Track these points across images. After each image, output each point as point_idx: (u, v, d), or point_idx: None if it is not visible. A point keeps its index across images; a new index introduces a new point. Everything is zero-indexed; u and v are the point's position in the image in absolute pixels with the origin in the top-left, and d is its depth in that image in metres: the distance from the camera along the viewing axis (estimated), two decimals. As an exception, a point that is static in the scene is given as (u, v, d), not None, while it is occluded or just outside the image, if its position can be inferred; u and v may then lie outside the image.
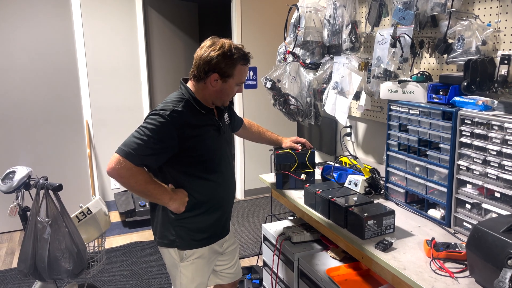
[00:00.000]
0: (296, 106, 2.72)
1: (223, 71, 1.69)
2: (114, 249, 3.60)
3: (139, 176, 1.64)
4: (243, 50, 1.73)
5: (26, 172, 1.97)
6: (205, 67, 1.68)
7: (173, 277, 1.90)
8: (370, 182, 2.13)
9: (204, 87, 1.74)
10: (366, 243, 1.66)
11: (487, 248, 1.29)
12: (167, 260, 1.88)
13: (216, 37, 1.76)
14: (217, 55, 1.66)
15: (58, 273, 1.88)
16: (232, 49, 1.68)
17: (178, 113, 1.66)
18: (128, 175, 1.62)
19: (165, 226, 1.80)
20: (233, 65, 1.69)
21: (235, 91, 1.80)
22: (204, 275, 1.90)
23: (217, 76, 1.69)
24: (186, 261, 1.82)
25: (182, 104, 1.70)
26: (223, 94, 1.77)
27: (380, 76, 2.16)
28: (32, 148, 4.03)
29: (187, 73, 1.82)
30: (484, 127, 1.59)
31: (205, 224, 1.82)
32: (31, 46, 3.88)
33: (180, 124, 1.66)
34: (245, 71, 1.76)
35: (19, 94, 3.91)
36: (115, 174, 1.62)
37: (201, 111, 1.74)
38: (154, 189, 1.68)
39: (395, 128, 2.02)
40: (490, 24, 1.78)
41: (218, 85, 1.72)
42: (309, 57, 2.66)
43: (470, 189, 1.67)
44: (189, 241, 1.80)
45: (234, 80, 1.73)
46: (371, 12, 2.30)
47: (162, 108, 1.67)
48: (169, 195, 1.70)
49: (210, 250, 1.88)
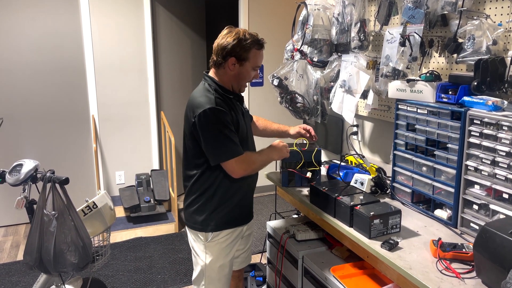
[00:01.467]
0: (303, 104, 2.71)
1: (239, 55, 1.82)
2: (118, 244, 3.61)
3: (252, 157, 1.89)
4: (257, 36, 1.88)
5: (33, 165, 1.97)
6: (223, 52, 1.83)
7: (196, 257, 2.01)
8: (376, 181, 2.13)
9: (224, 72, 1.88)
10: (372, 242, 1.65)
11: (495, 249, 1.28)
12: (193, 241, 2.02)
13: (232, 26, 1.90)
14: (233, 40, 1.81)
15: (64, 266, 1.88)
16: (247, 34, 1.84)
17: (220, 100, 1.83)
18: (247, 166, 1.85)
19: (200, 210, 1.93)
20: (248, 49, 1.83)
21: (252, 75, 1.92)
22: (227, 256, 2.00)
23: (234, 60, 1.83)
24: (212, 241, 1.94)
25: (214, 93, 1.85)
26: (240, 78, 1.90)
27: (388, 75, 2.15)
28: (39, 142, 4.05)
29: (194, 70, 1.87)
30: (493, 127, 1.57)
31: (237, 206, 1.96)
32: (39, 41, 3.89)
33: (227, 108, 1.83)
34: (260, 55, 1.90)
35: (27, 89, 3.92)
36: (241, 173, 1.84)
37: (228, 96, 1.89)
38: (264, 156, 1.94)
39: (402, 127, 2.01)
40: (501, 24, 1.77)
41: (236, 69, 1.86)
42: (317, 55, 2.65)
43: (478, 189, 1.66)
44: (219, 223, 1.93)
45: (250, 63, 1.86)
46: (380, 10, 2.28)
47: (207, 102, 1.80)
48: (272, 152, 1.97)
49: (235, 232, 1.99)
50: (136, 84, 4.29)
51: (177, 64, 4.63)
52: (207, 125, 1.78)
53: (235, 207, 1.95)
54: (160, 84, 4.46)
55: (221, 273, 2.00)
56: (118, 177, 4.37)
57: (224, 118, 1.78)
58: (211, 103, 1.78)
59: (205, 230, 1.93)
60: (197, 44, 4.88)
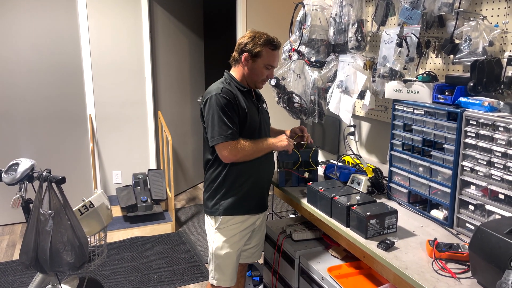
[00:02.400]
0: (300, 104, 2.71)
1: (251, 50, 1.96)
2: (115, 244, 3.60)
3: (244, 145, 1.95)
4: (272, 38, 2.02)
5: (30, 164, 1.96)
6: (239, 48, 2.00)
7: (208, 242, 2.13)
8: (373, 181, 2.13)
9: (240, 68, 2.03)
10: (368, 242, 1.66)
11: (490, 249, 1.29)
12: (206, 226, 2.15)
13: (255, 29, 2.07)
14: (248, 37, 1.98)
15: (60, 265, 1.88)
16: (263, 34, 1.99)
17: (227, 89, 1.96)
18: (236, 151, 1.93)
19: (211, 195, 2.05)
20: (260, 46, 1.96)
21: (265, 73, 2.04)
22: (234, 245, 2.07)
23: (247, 55, 1.97)
24: (220, 227, 2.05)
25: (226, 84, 1.99)
26: (253, 74, 2.02)
27: (385, 76, 2.15)
28: (36, 141, 4.04)
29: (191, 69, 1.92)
30: (489, 128, 1.58)
31: (246, 194, 2.04)
32: (36, 40, 3.88)
33: (232, 97, 1.94)
34: (273, 55, 2.01)
35: (24, 88, 3.91)
36: (230, 158, 1.95)
37: (241, 89, 2.01)
38: (260, 144, 2.01)
39: (399, 128, 2.02)
40: (498, 25, 1.77)
41: (249, 64, 1.99)
42: (314, 55, 2.66)
43: (474, 190, 1.67)
44: (227, 208, 2.02)
45: (262, 60, 1.98)
46: (377, 11, 2.29)
47: (214, 90, 1.95)
48: (272, 142, 2.04)
49: (245, 223, 2.07)
50: (134, 83, 4.28)
51: (174, 64, 4.63)
52: (209, 109, 1.93)
53: (244, 194, 2.04)
54: (158, 83, 4.46)
55: (227, 261, 2.08)
56: (115, 176, 4.36)
57: (226, 104, 1.91)
58: (218, 91, 1.93)
59: (214, 214, 2.05)
60: (195, 43, 4.88)
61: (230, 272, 2.10)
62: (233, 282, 2.13)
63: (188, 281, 3.07)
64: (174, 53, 4.61)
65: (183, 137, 4.78)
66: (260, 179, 2.09)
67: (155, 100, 4.43)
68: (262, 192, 2.14)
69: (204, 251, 3.49)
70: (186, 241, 3.71)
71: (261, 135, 2.07)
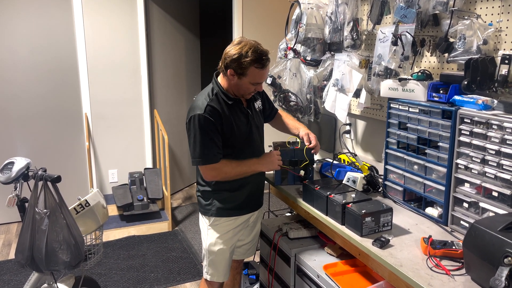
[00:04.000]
0: (296, 102, 2.72)
1: (236, 69, 1.86)
2: (111, 243, 3.60)
3: (226, 167, 1.93)
4: (261, 54, 1.85)
5: (25, 163, 1.96)
6: (224, 62, 1.88)
7: (202, 238, 2.15)
8: (368, 179, 2.14)
9: (227, 79, 1.94)
10: (364, 240, 1.67)
11: (484, 246, 1.30)
12: (200, 222, 2.16)
13: (245, 38, 1.91)
14: (234, 54, 1.83)
15: (56, 264, 1.88)
16: (250, 52, 1.82)
17: (212, 107, 1.89)
18: (218, 173, 1.93)
19: (204, 195, 2.07)
20: (246, 67, 1.84)
21: (252, 89, 1.94)
22: (227, 242, 2.09)
23: (232, 71, 1.87)
24: (213, 225, 2.06)
25: (212, 98, 1.91)
26: (240, 89, 1.94)
27: (380, 74, 2.16)
28: (31, 140, 4.02)
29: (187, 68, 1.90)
30: (483, 126, 1.59)
31: (237, 195, 2.05)
32: (32, 38, 3.86)
33: (216, 115, 1.89)
34: (259, 73, 1.88)
35: (19, 86, 3.90)
36: (211, 178, 1.96)
37: (228, 102, 1.94)
38: (244, 167, 1.97)
39: (394, 126, 2.03)
40: (492, 24, 1.78)
41: (235, 79, 1.90)
42: (310, 53, 2.66)
43: (468, 188, 1.68)
44: (219, 209, 2.04)
45: (247, 79, 1.88)
46: (373, 9, 2.30)
47: (198, 108, 1.88)
48: (258, 164, 2.01)
49: (238, 220, 2.09)
50: (130, 82, 4.27)
51: (170, 62, 4.62)
52: (190, 129, 1.89)
53: (238, 195, 2.05)
54: (154, 82, 4.45)
55: (220, 257, 2.10)
56: (111, 175, 4.35)
57: (209, 126, 1.86)
58: (201, 110, 1.86)
59: (207, 214, 2.07)
60: (191, 42, 4.87)
61: (223, 268, 2.13)
62: (226, 277, 2.17)
63: (185, 280, 3.07)
64: (170, 52, 4.60)
65: (179, 136, 4.77)
66: (254, 179, 2.09)
67: (151, 99, 4.42)
68: (255, 191, 2.14)
69: (200, 250, 3.50)
70: (183, 239, 3.71)
71: (252, 141, 2.04)
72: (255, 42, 1.87)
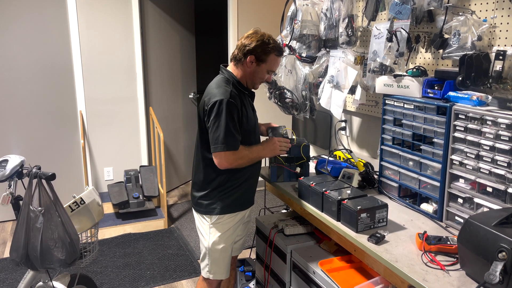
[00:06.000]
0: (292, 99, 2.72)
1: (259, 55, 1.95)
2: (107, 241, 3.59)
3: (242, 153, 1.96)
4: (279, 43, 2.01)
5: (19, 161, 1.95)
6: (244, 49, 1.95)
7: (202, 239, 2.13)
8: (364, 176, 2.14)
9: (242, 68, 2.00)
10: (359, 236, 1.67)
11: (478, 241, 1.30)
12: (198, 223, 2.14)
13: (259, 28, 2.02)
14: (257, 41, 1.94)
15: (51, 262, 1.87)
16: (270, 39, 1.97)
17: (234, 94, 1.93)
18: (233, 160, 1.93)
19: (205, 195, 2.06)
20: (268, 52, 1.96)
21: (266, 77, 2.05)
22: (229, 239, 2.11)
23: (253, 58, 1.95)
24: (216, 223, 2.07)
25: (232, 86, 1.96)
26: (255, 77, 2.02)
27: (376, 70, 2.16)
28: (26, 138, 4.00)
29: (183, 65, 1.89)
30: (477, 122, 1.60)
31: (240, 193, 2.07)
32: (26, 36, 3.83)
33: (239, 103, 1.93)
34: (277, 61, 2.03)
35: (13, 84, 3.87)
36: (226, 165, 1.94)
37: (244, 91, 2.02)
38: (254, 153, 2.02)
39: (389, 122, 2.03)
40: (486, 20, 1.79)
41: (253, 67, 1.98)
42: (306, 50, 2.66)
43: (463, 183, 1.69)
44: (223, 207, 2.04)
45: (266, 65, 1.99)
46: (368, 6, 2.29)
47: (222, 93, 1.90)
48: (263, 150, 2.06)
49: (238, 216, 2.11)
50: (125, 79, 4.25)
51: (166, 60, 4.60)
52: (217, 114, 1.89)
53: (242, 192, 2.08)
54: (149, 79, 4.43)
55: (224, 254, 2.12)
56: (107, 173, 4.34)
57: (234, 112, 1.90)
58: (227, 95, 1.89)
59: (211, 213, 2.06)
60: (186, 39, 4.85)
61: (226, 265, 2.15)
62: (228, 273, 2.19)
63: (181, 277, 3.07)
64: (165, 49, 4.58)
65: (175, 133, 4.76)
66: (254, 175, 2.14)
67: (147, 96, 4.41)
68: (255, 186, 2.18)
69: (196, 247, 3.49)
70: (179, 237, 3.71)
71: (256, 135, 2.12)
72: (268, 33, 2.00)
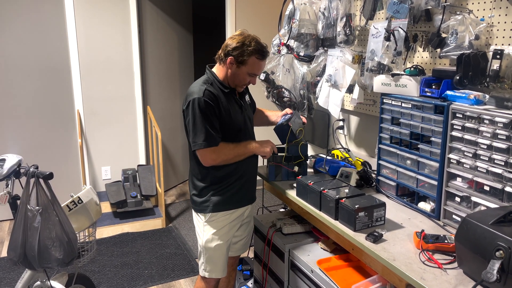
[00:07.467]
0: (290, 98, 2.72)
1: (237, 57, 1.93)
2: (104, 240, 3.59)
3: (225, 149, 1.96)
4: (262, 46, 1.97)
5: (17, 160, 1.94)
6: (225, 50, 1.95)
7: (197, 236, 2.15)
8: (361, 174, 2.15)
9: (223, 68, 2.00)
10: (357, 234, 1.67)
11: (476, 240, 1.31)
12: (195, 220, 2.17)
13: (246, 31, 2.02)
14: (237, 42, 1.93)
15: (48, 261, 1.86)
16: (252, 42, 1.94)
17: (209, 91, 1.92)
18: (218, 155, 1.94)
19: (198, 193, 2.07)
20: (247, 55, 1.92)
21: (247, 80, 2.02)
22: (223, 237, 2.10)
23: (232, 59, 1.94)
24: (209, 221, 2.07)
25: (209, 85, 1.96)
26: (235, 78, 2.00)
27: (373, 69, 2.16)
28: (23, 137, 3.98)
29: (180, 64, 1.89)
30: (475, 121, 1.60)
31: (233, 190, 2.06)
32: (23, 35, 3.82)
33: (214, 100, 1.92)
34: (259, 64, 1.98)
35: (10, 83, 3.85)
36: (210, 162, 1.96)
37: (224, 90, 1.99)
38: (242, 148, 2.02)
39: (387, 121, 2.03)
40: (484, 19, 1.79)
41: (233, 68, 1.96)
42: (303, 49, 2.66)
43: (460, 182, 1.69)
44: (216, 205, 2.04)
45: (246, 68, 1.96)
46: (365, 5, 2.30)
47: (196, 92, 1.91)
48: (254, 143, 2.06)
49: (234, 215, 2.10)
50: (122, 78, 4.24)
51: (163, 59, 4.60)
52: (189, 113, 1.91)
53: (234, 191, 2.07)
54: (147, 78, 4.43)
55: (218, 252, 2.11)
56: (104, 172, 4.33)
57: (208, 108, 1.89)
58: (200, 94, 1.89)
59: (204, 211, 2.06)
60: (184, 38, 4.84)
61: (222, 263, 2.13)
62: (224, 273, 2.16)
63: (179, 276, 3.07)
64: (163, 48, 4.57)
65: (173, 132, 4.76)
66: (248, 173, 2.12)
67: (144, 95, 4.40)
68: (250, 185, 2.17)
69: (194, 246, 3.49)
70: (177, 236, 3.71)
71: (246, 133, 2.09)
72: (255, 36, 1.98)
